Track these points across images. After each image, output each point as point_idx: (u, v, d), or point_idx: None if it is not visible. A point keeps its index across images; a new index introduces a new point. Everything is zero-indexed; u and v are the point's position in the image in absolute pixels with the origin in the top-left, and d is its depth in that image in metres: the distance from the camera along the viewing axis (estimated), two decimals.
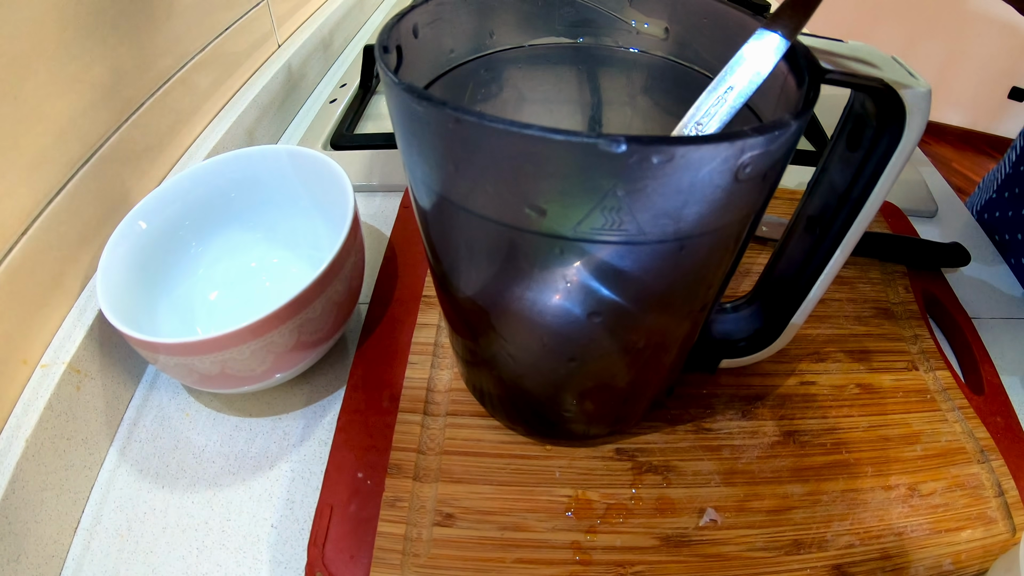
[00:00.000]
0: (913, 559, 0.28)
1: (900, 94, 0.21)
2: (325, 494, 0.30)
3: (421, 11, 0.24)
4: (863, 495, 0.31)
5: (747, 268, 0.43)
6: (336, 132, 0.58)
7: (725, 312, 0.33)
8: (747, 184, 0.19)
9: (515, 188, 0.18)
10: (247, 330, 0.29)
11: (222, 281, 0.41)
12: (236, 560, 0.30)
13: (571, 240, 0.19)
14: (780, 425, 0.34)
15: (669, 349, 0.28)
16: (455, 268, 0.25)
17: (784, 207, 0.47)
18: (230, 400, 0.37)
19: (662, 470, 0.31)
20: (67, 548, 0.31)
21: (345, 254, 0.33)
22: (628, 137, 0.16)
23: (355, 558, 0.28)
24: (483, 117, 0.17)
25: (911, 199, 0.50)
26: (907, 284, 0.42)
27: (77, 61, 0.34)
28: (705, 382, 0.35)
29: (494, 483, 0.31)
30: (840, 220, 0.26)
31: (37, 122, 0.32)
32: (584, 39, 0.30)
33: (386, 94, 0.21)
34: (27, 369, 0.32)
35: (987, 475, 0.32)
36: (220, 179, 0.40)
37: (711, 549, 0.29)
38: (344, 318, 0.36)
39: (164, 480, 0.34)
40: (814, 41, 0.22)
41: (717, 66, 0.26)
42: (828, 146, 0.26)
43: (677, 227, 0.19)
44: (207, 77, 0.48)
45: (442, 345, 0.37)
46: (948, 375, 0.36)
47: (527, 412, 0.31)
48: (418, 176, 0.22)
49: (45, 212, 0.32)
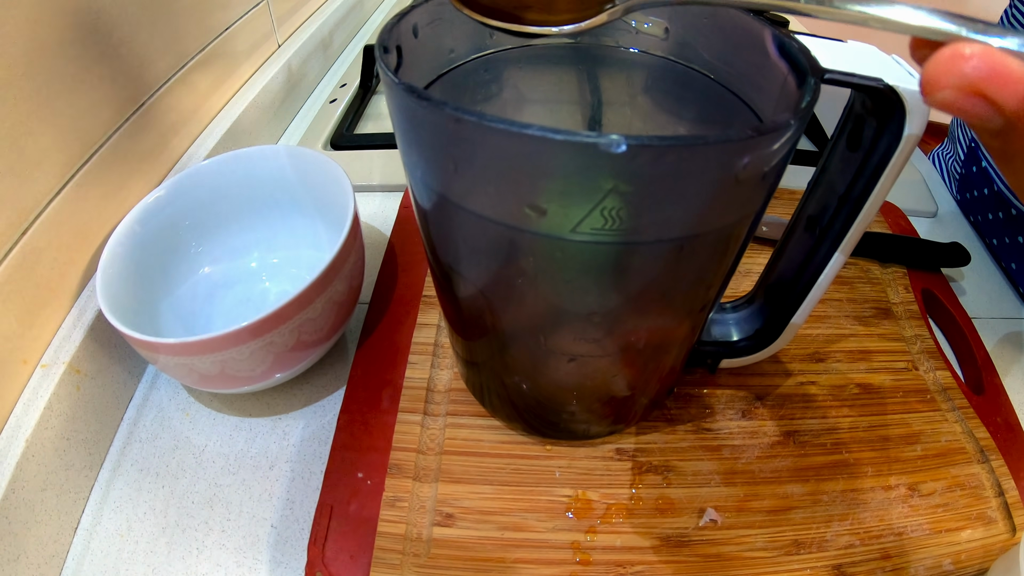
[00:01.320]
0: (913, 559, 0.28)
1: (900, 94, 0.21)
2: (325, 494, 0.30)
3: (421, 11, 0.24)
4: (863, 495, 0.31)
5: (747, 268, 0.43)
6: (336, 132, 0.58)
7: (725, 312, 0.33)
8: (747, 184, 0.19)
9: (515, 188, 0.18)
10: (247, 330, 0.29)
11: (222, 281, 0.41)
12: (236, 560, 0.30)
13: (571, 240, 0.19)
14: (780, 425, 0.34)
15: (669, 349, 0.28)
16: (455, 268, 0.25)
17: (784, 207, 0.47)
18: (230, 400, 0.37)
19: (662, 470, 0.31)
20: (67, 548, 0.31)
21: (345, 254, 0.33)
22: (628, 137, 0.16)
23: (355, 558, 0.28)
24: (483, 117, 0.17)
25: (911, 199, 0.50)
26: (907, 284, 0.42)
27: (77, 61, 0.34)
28: (705, 382, 0.35)
29: (494, 483, 0.31)
30: (840, 220, 0.26)
31: (37, 122, 0.32)
32: (584, 39, 0.30)
33: (386, 94, 0.21)
34: (27, 369, 0.32)
35: (987, 475, 0.32)
36: (220, 179, 0.40)
37: (711, 549, 0.29)
38: (344, 318, 0.36)
39: (164, 480, 0.33)
40: (814, 41, 0.22)
41: (717, 66, 0.26)
42: (828, 146, 0.26)
43: (677, 227, 0.19)
44: (207, 77, 0.48)
45: (442, 345, 0.37)
46: (948, 375, 0.36)
47: (527, 412, 0.31)
48: (418, 176, 0.22)
49: (45, 212, 0.32)
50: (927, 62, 0.12)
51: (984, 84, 0.12)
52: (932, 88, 0.12)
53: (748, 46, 0.24)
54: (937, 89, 0.12)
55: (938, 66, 0.12)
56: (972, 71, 0.12)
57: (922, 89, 0.12)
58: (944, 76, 0.12)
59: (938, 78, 0.12)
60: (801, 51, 0.21)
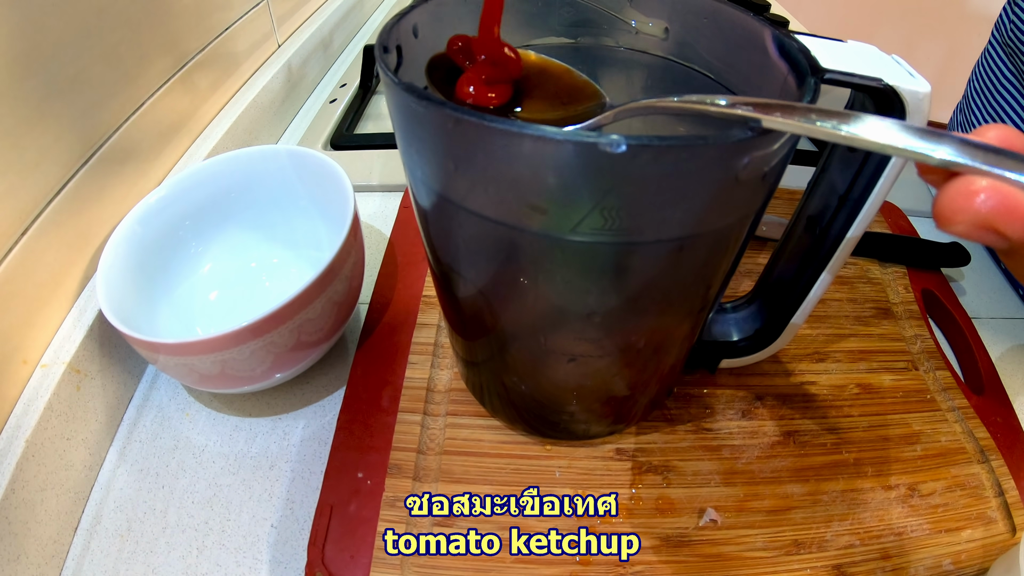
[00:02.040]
0: (913, 559, 0.28)
1: (900, 94, 0.21)
2: (325, 494, 0.30)
3: (421, 11, 0.24)
4: (863, 495, 0.31)
5: (747, 268, 0.43)
6: (336, 132, 0.58)
7: (725, 312, 0.33)
8: (747, 184, 0.19)
9: (515, 188, 0.18)
10: (247, 330, 0.29)
11: (222, 281, 0.41)
12: (236, 560, 0.30)
13: (571, 240, 0.19)
14: (780, 425, 0.34)
15: (669, 349, 0.28)
16: (455, 268, 0.25)
17: (784, 207, 0.47)
18: (230, 400, 0.37)
19: (662, 470, 0.31)
20: (67, 548, 0.31)
21: (345, 254, 0.33)
22: (628, 137, 0.16)
23: (355, 558, 0.28)
24: (483, 117, 0.17)
25: (911, 199, 0.50)
26: (907, 284, 0.42)
27: (77, 61, 0.34)
28: (705, 382, 0.35)
29: (494, 483, 0.31)
30: (840, 220, 0.26)
31: (37, 122, 0.32)
32: (584, 39, 0.30)
33: (386, 94, 0.21)
34: (27, 369, 0.32)
35: (987, 475, 0.32)
36: (220, 179, 0.40)
37: (711, 549, 0.29)
38: (344, 318, 0.36)
39: (164, 480, 0.33)
40: (814, 41, 0.22)
41: (717, 66, 0.26)
42: (828, 146, 0.26)
43: (677, 227, 0.19)
44: (207, 77, 0.48)
45: (442, 345, 0.37)
46: (948, 375, 0.36)
47: (527, 412, 0.31)
48: (418, 176, 0.22)
49: (45, 212, 0.32)
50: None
51: (994, 220, 0.13)
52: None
53: (748, 46, 0.24)
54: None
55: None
56: (983, 208, 0.13)
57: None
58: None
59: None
60: (801, 51, 0.21)
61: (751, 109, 0.16)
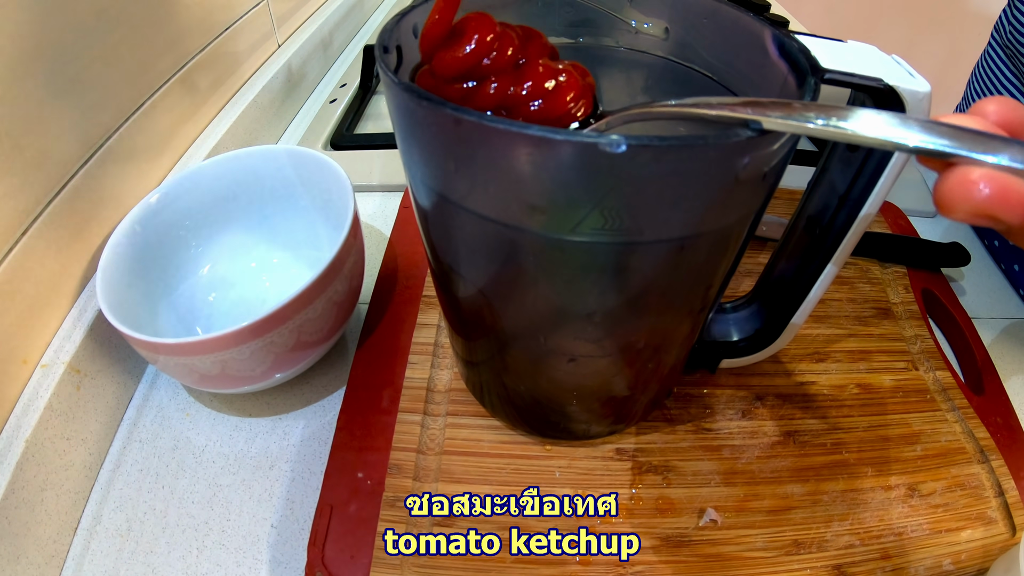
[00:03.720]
0: (913, 559, 0.28)
1: (900, 94, 0.21)
2: (325, 494, 0.30)
3: (421, 11, 0.24)
4: (863, 495, 0.31)
5: (747, 268, 0.43)
6: (336, 132, 0.58)
7: (725, 312, 0.33)
8: (747, 184, 0.19)
9: (515, 188, 0.18)
10: (247, 330, 0.29)
11: (222, 281, 0.41)
12: (236, 560, 0.30)
13: (571, 240, 0.19)
14: (780, 425, 0.34)
15: (669, 349, 0.28)
16: (455, 268, 0.25)
17: (784, 207, 0.47)
18: (230, 400, 0.37)
19: (662, 470, 0.31)
20: (67, 548, 0.31)
21: (345, 254, 0.33)
22: (628, 137, 0.16)
23: (355, 558, 0.28)
24: (483, 117, 0.17)
25: (911, 199, 0.50)
26: (907, 284, 0.42)
27: (76, 61, 0.34)
28: (705, 382, 0.35)
29: (494, 483, 0.31)
30: (840, 220, 0.26)
31: (37, 122, 0.32)
32: (584, 39, 0.30)
33: (386, 94, 0.21)
34: (27, 369, 0.32)
35: (987, 475, 0.32)
36: (220, 179, 0.40)
37: (711, 549, 0.29)
38: (344, 318, 0.36)
39: (164, 480, 0.33)
40: (814, 41, 0.22)
41: (717, 66, 0.26)
42: (828, 146, 0.26)
43: (677, 227, 0.19)
44: (207, 77, 0.48)
45: (442, 345, 0.37)
46: (948, 375, 0.36)
47: (527, 412, 0.31)
48: (418, 176, 0.22)
49: (45, 212, 0.32)
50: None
51: (991, 208, 0.13)
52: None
53: (748, 46, 0.24)
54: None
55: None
56: (981, 196, 0.13)
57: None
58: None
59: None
60: (801, 51, 0.21)
61: (749, 111, 0.16)
